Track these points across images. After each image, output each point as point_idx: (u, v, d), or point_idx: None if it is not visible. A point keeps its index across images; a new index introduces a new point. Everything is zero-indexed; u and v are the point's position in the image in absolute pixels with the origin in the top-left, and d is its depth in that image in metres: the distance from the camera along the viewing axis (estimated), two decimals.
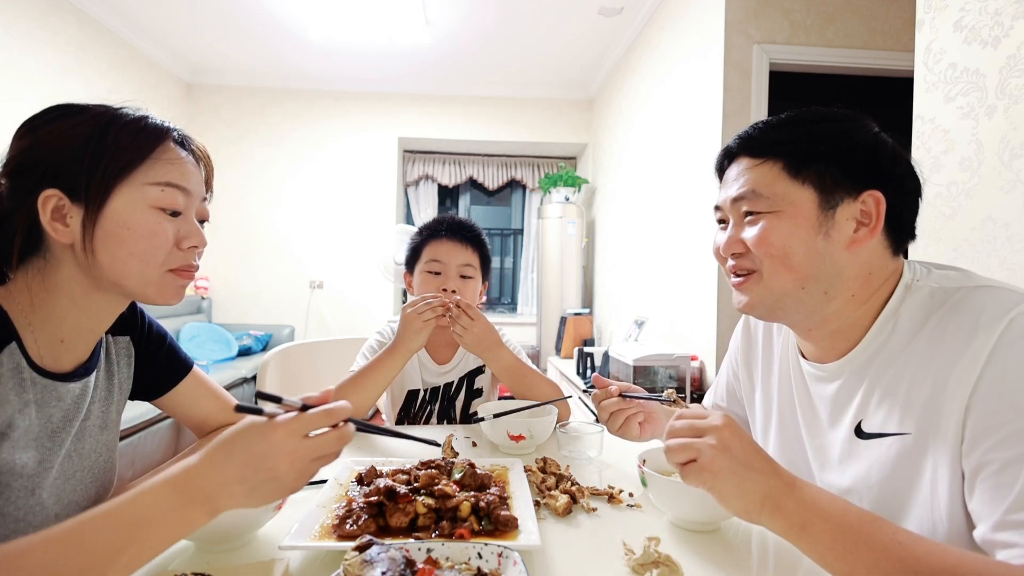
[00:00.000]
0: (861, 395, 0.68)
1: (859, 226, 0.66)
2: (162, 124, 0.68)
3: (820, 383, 0.74)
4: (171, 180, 0.66)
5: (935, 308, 0.63)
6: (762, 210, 0.68)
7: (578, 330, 3.84)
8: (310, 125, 4.67)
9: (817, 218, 0.66)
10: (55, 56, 3.21)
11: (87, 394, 0.71)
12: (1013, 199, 1.12)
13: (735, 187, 0.71)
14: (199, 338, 3.92)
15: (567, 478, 0.85)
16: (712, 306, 2.43)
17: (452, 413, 1.32)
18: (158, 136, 0.67)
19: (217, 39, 3.91)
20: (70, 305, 0.66)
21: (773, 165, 0.68)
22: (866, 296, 0.68)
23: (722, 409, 1.00)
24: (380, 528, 0.65)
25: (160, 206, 0.65)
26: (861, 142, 0.66)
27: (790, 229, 0.66)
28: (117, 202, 0.62)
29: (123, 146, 0.63)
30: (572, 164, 5.18)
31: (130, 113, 0.66)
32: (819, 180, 0.66)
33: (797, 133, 0.68)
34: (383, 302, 4.73)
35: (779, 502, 0.56)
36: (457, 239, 1.28)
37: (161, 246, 0.65)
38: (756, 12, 2.37)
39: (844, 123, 0.68)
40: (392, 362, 1.14)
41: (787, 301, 0.69)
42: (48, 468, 0.65)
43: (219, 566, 0.60)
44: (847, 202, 0.65)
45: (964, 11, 1.23)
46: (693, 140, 2.65)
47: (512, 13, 3.42)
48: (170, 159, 0.67)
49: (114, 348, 0.78)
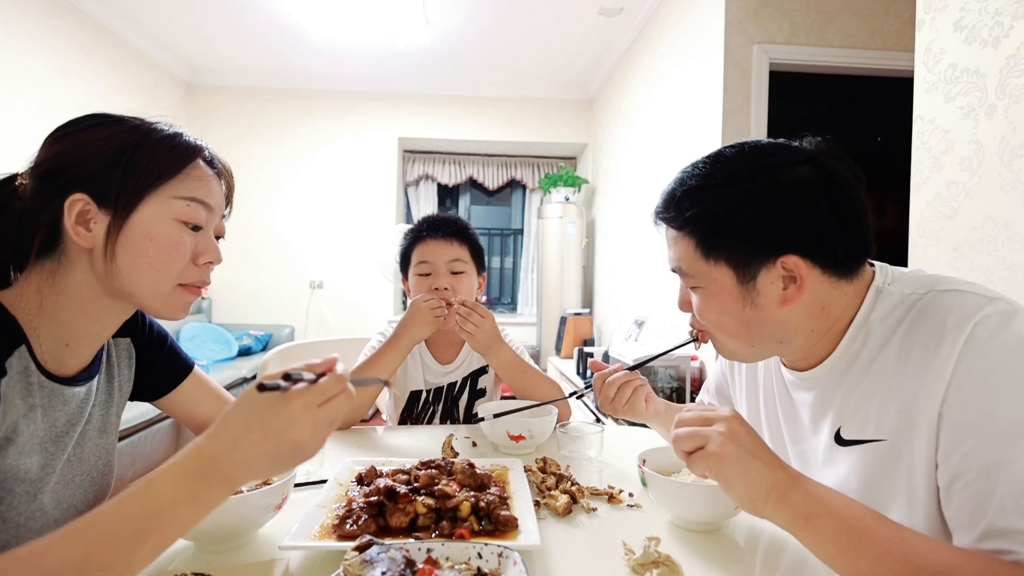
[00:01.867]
0: (839, 402, 0.68)
1: (787, 283, 0.64)
2: (195, 142, 0.70)
3: (800, 391, 0.74)
4: (197, 196, 0.67)
5: (905, 313, 0.62)
6: (693, 285, 0.70)
7: (578, 330, 3.84)
8: (310, 125, 4.67)
9: (739, 292, 0.65)
10: (55, 56, 3.21)
11: (90, 398, 0.71)
12: (1013, 199, 1.12)
13: (669, 257, 0.73)
14: (199, 338, 3.92)
15: (567, 478, 0.85)
16: None
17: (455, 413, 1.32)
18: (191, 153, 0.68)
19: (217, 39, 3.91)
20: (78, 309, 0.66)
21: (688, 242, 0.68)
22: (827, 326, 0.67)
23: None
24: (380, 528, 0.65)
25: (183, 219, 0.66)
26: (764, 205, 0.63)
27: (717, 305, 0.68)
28: (144, 212, 0.64)
29: (158, 159, 0.65)
30: (572, 164, 5.18)
31: (165, 129, 0.68)
32: (730, 257, 0.65)
33: (701, 209, 0.66)
34: (383, 302, 4.73)
35: (785, 493, 0.56)
36: (440, 236, 1.26)
37: (179, 259, 0.67)
38: (756, 12, 2.37)
39: (749, 182, 0.64)
40: (395, 352, 1.14)
41: (748, 355, 0.72)
42: (50, 473, 0.65)
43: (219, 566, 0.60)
44: (766, 269, 0.64)
45: (964, 11, 1.23)
46: (693, 140, 2.65)
47: (512, 13, 3.42)
48: (199, 176, 0.68)
49: (115, 350, 0.79)
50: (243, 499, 0.63)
